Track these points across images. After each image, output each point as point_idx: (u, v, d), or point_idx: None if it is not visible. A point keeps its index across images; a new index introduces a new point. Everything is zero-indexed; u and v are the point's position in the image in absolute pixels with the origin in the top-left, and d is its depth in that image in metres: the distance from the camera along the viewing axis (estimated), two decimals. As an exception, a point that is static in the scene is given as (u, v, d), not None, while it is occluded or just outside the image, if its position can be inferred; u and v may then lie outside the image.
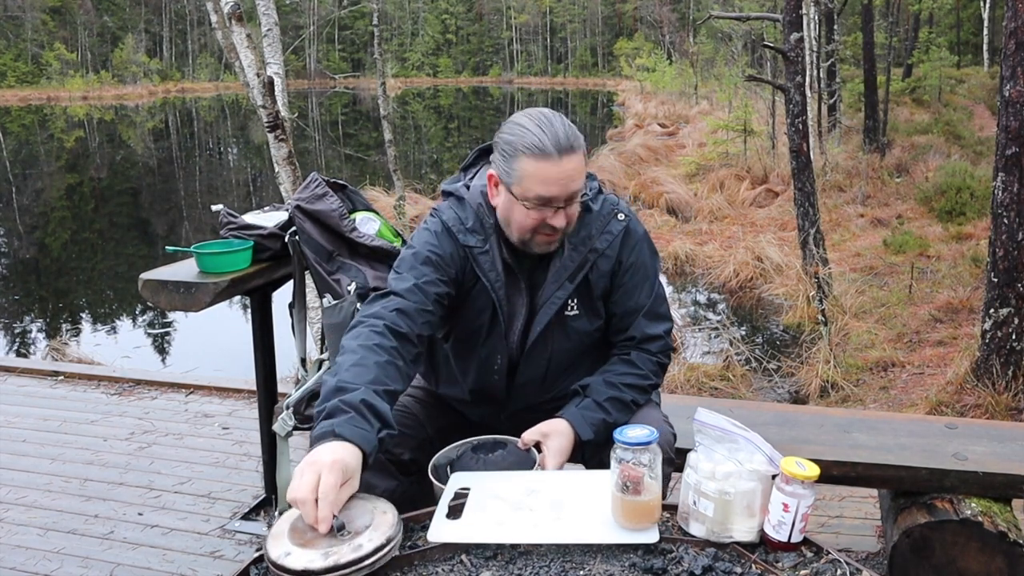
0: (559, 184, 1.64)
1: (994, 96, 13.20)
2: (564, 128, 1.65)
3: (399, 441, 1.79)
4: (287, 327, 2.70)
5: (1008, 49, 4.30)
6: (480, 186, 1.82)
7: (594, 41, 76.82)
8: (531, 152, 1.64)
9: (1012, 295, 4.40)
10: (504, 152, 1.69)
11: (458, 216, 1.79)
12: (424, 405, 1.94)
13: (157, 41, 70.21)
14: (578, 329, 1.82)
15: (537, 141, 1.63)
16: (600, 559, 1.29)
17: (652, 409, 1.87)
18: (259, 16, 4.76)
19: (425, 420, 1.91)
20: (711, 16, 10.02)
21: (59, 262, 11.62)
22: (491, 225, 1.79)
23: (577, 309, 1.80)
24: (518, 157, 1.66)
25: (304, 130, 25.68)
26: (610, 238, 1.80)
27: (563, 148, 1.63)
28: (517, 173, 1.66)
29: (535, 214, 1.68)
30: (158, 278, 2.43)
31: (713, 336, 7.13)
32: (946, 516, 2.03)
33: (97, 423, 3.75)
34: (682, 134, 20.64)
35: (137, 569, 2.60)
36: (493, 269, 1.77)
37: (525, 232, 1.72)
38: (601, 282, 1.81)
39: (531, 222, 1.69)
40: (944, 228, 9.65)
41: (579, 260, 1.78)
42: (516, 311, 1.81)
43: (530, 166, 1.64)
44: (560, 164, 1.63)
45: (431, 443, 1.87)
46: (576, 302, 1.80)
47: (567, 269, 1.78)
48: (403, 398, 1.89)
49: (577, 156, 1.66)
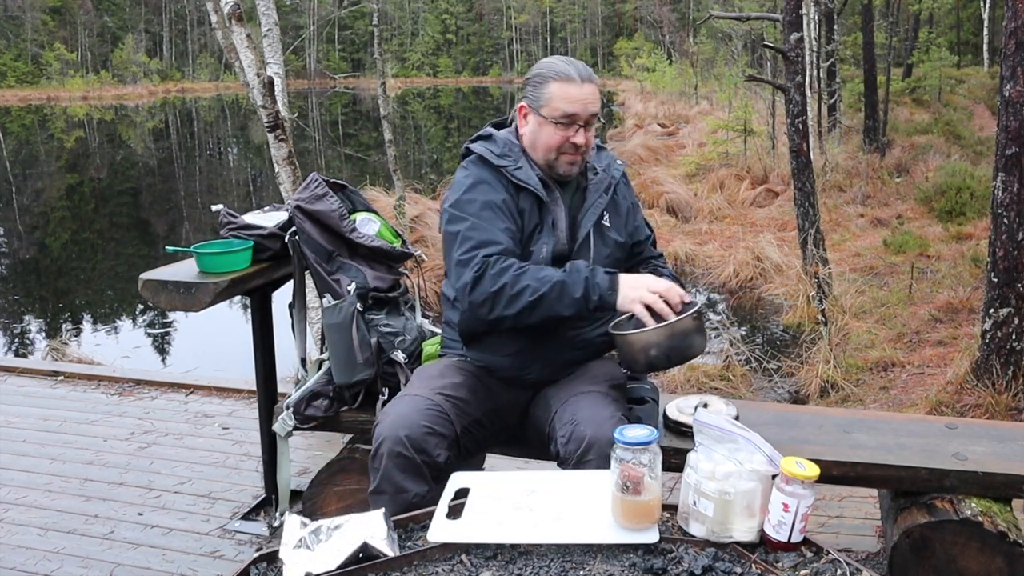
0: (581, 103, 2.01)
1: (994, 96, 13.19)
2: (583, 63, 2.06)
3: (436, 442, 1.85)
4: (287, 327, 2.70)
5: (1008, 49, 4.29)
6: (506, 131, 2.17)
7: (594, 41, 76.79)
8: (559, 77, 2.02)
9: (1012, 295, 4.39)
10: (535, 83, 2.06)
11: (489, 149, 2.10)
12: (453, 403, 1.97)
13: (157, 41, 70.21)
14: (613, 239, 2.14)
15: (563, 69, 2.03)
16: (600, 559, 1.29)
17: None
18: (259, 16, 4.76)
19: (454, 418, 1.94)
20: (711, 16, 10.02)
21: (59, 262, 11.62)
22: (519, 150, 2.11)
23: (610, 222, 2.15)
24: (548, 83, 2.03)
25: (304, 130, 25.67)
26: (620, 170, 2.23)
27: (584, 76, 2.02)
28: (547, 95, 2.02)
29: (561, 132, 2.02)
30: (158, 278, 2.43)
31: (713, 336, 7.13)
32: (946, 516, 2.03)
33: (97, 423, 3.75)
34: (682, 134, 20.62)
35: (137, 569, 2.60)
36: (531, 179, 2.07)
37: (551, 151, 2.05)
38: (624, 203, 2.20)
39: (557, 139, 2.03)
40: (944, 228, 9.64)
41: (607, 180, 2.17)
42: (558, 216, 2.09)
43: (558, 88, 2.01)
44: (582, 87, 2.01)
45: (457, 442, 1.90)
46: (608, 216, 2.15)
47: (603, 182, 2.16)
48: (435, 396, 1.95)
49: (594, 85, 2.04)
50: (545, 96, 2.02)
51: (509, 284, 1.89)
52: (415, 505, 1.73)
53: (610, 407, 1.94)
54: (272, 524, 2.82)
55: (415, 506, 1.72)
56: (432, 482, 1.82)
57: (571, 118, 2.01)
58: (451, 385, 2.01)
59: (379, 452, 1.83)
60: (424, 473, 1.82)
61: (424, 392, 1.96)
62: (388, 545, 1.30)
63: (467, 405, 2.00)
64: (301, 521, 1.34)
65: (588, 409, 1.90)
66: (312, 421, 2.46)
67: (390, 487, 1.81)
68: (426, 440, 1.83)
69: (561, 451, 1.88)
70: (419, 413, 1.87)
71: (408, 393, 1.99)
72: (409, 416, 1.86)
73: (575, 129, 2.02)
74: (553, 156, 2.05)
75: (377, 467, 1.83)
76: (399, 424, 1.84)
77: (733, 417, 1.94)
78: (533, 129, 2.07)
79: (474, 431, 2.01)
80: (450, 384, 2.02)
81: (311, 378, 2.51)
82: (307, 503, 2.51)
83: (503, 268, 1.91)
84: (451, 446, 1.89)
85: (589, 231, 2.09)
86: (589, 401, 1.94)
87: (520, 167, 2.07)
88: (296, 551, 1.28)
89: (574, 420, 1.88)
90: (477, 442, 2.05)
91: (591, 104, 2.02)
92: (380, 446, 1.83)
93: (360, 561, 1.27)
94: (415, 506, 1.72)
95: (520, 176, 2.06)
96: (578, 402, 1.94)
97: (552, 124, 2.02)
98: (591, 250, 2.09)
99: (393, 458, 1.81)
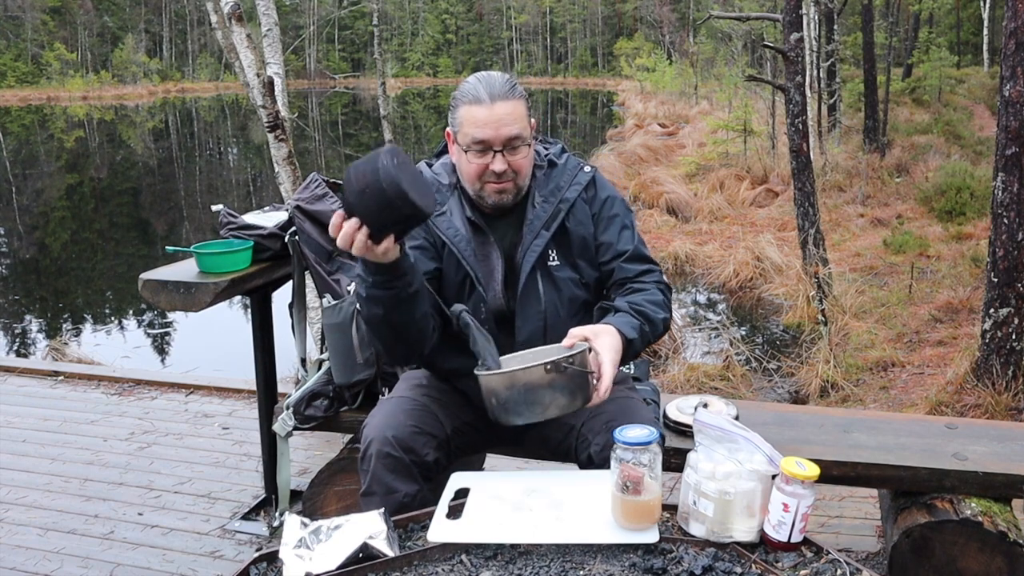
0: (491, 126, 1.77)
1: (994, 96, 13.19)
2: (501, 80, 1.81)
3: (424, 441, 1.83)
4: (287, 327, 2.70)
5: (1008, 49, 4.29)
6: (442, 161, 1.97)
7: (594, 41, 76.81)
8: (467, 99, 1.80)
9: (1012, 295, 4.39)
10: (451, 107, 1.85)
11: None
12: (441, 404, 1.94)
13: (157, 41, 70.22)
14: (565, 279, 1.89)
15: (472, 90, 1.80)
16: (600, 559, 1.29)
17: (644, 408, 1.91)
18: (259, 16, 4.75)
19: (443, 418, 1.91)
20: (711, 16, 10.01)
21: (59, 262, 11.61)
22: (450, 186, 1.92)
23: (558, 260, 1.90)
24: (459, 107, 1.82)
25: (304, 130, 25.68)
26: (579, 188, 1.92)
27: (495, 95, 1.78)
28: (458, 121, 1.82)
29: (476, 160, 1.81)
30: (158, 278, 2.43)
31: (713, 336, 7.13)
32: (946, 516, 2.03)
33: (97, 423, 3.75)
34: (682, 134, 20.61)
35: (137, 569, 2.60)
36: (452, 227, 1.88)
37: (473, 181, 1.84)
38: (580, 230, 1.91)
39: (475, 168, 1.82)
40: (944, 228, 9.64)
41: (551, 210, 1.89)
42: (491, 266, 1.89)
43: (466, 112, 1.80)
44: (492, 108, 1.77)
45: (448, 443, 1.89)
46: (556, 252, 1.89)
47: (540, 219, 1.88)
48: (421, 397, 1.92)
49: (510, 103, 1.78)
50: (457, 121, 1.82)
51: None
52: (406, 505, 1.72)
53: (644, 408, 1.89)
54: (272, 524, 2.82)
55: (406, 506, 1.71)
56: (422, 481, 1.80)
57: (484, 143, 1.78)
58: (439, 388, 1.98)
59: (367, 454, 1.80)
60: (413, 473, 1.79)
61: (411, 393, 1.93)
62: (388, 545, 1.30)
63: (457, 407, 1.96)
64: (301, 521, 1.34)
65: (625, 414, 1.80)
66: (312, 421, 2.46)
67: (380, 488, 1.78)
68: (414, 439, 1.80)
69: (596, 459, 1.78)
70: (406, 413, 1.85)
71: (395, 395, 1.96)
72: (396, 416, 1.84)
73: (491, 155, 1.79)
74: (478, 186, 1.85)
75: (366, 468, 1.80)
76: (386, 424, 1.82)
77: (733, 417, 1.94)
78: (457, 158, 1.88)
79: (466, 432, 1.96)
80: (438, 387, 1.98)
81: (311, 378, 2.51)
82: (307, 503, 2.51)
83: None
84: (440, 446, 1.86)
85: (532, 275, 1.87)
86: (623, 405, 1.85)
87: (443, 213, 1.88)
88: (296, 551, 1.28)
89: (610, 427, 1.74)
90: (471, 444, 2.01)
91: (505, 127, 1.77)
92: (368, 447, 1.81)
93: (360, 561, 1.27)
94: (406, 506, 1.71)
95: (441, 227, 1.87)
96: (611, 409, 1.81)
97: (466, 151, 1.82)
98: (541, 297, 1.87)
99: (381, 459, 1.78)
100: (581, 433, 1.88)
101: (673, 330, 6.76)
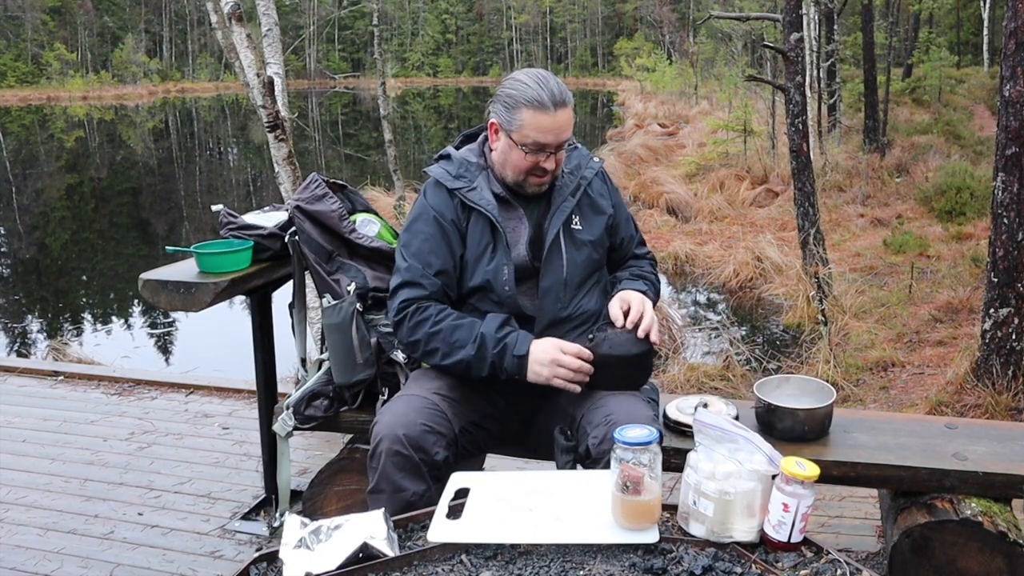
0: (553, 133, 1.95)
1: (994, 96, 13.19)
2: (558, 85, 1.96)
3: (435, 440, 1.85)
4: (287, 327, 2.70)
5: (1008, 49, 4.29)
6: (466, 149, 2.14)
7: (594, 41, 76.81)
8: (531, 104, 1.93)
9: (1012, 295, 4.39)
10: (506, 104, 1.98)
11: (446, 170, 2.09)
12: (451, 402, 1.97)
13: (157, 41, 70.21)
14: (585, 241, 2.09)
15: (536, 95, 1.93)
16: (600, 559, 1.29)
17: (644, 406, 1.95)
18: (259, 16, 4.75)
19: (452, 417, 1.93)
20: (711, 16, 10.00)
21: (59, 262, 11.62)
22: (478, 166, 2.09)
23: (581, 224, 2.10)
24: (520, 108, 1.95)
25: (304, 130, 25.67)
26: (593, 171, 2.16)
27: (557, 102, 1.94)
28: (518, 122, 1.96)
29: (531, 157, 1.98)
30: (158, 278, 2.43)
31: (713, 336, 7.13)
32: (946, 516, 2.03)
33: (97, 423, 3.75)
34: (682, 134, 20.62)
35: (137, 569, 2.60)
36: (483, 198, 2.04)
37: (520, 173, 2.02)
38: (600, 201, 2.15)
39: (527, 164, 1.99)
40: (944, 228, 9.64)
41: (575, 182, 2.11)
42: (518, 230, 2.07)
43: (530, 117, 1.94)
44: (555, 116, 1.94)
45: (455, 442, 1.90)
46: (579, 218, 2.10)
47: (568, 187, 2.10)
48: (431, 396, 1.95)
49: (568, 110, 1.97)
50: (517, 122, 1.96)
51: (423, 341, 1.99)
52: (413, 504, 1.73)
53: (645, 406, 1.92)
54: (272, 524, 2.82)
55: (413, 505, 1.72)
56: (430, 481, 1.82)
57: (542, 147, 1.96)
58: (448, 386, 2.01)
59: (377, 451, 1.83)
60: (422, 472, 1.82)
61: (421, 392, 1.96)
62: (388, 545, 1.30)
63: (464, 406, 1.99)
64: (301, 521, 1.34)
65: (624, 409, 1.87)
66: (312, 421, 2.46)
67: (388, 486, 1.80)
68: (424, 438, 1.83)
69: (593, 452, 1.84)
70: (417, 412, 1.87)
71: (405, 393, 1.99)
72: (407, 415, 1.86)
73: (546, 155, 1.98)
74: (522, 177, 2.03)
75: (375, 466, 1.83)
76: (397, 423, 1.84)
77: (733, 417, 1.94)
78: (504, 149, 2.03)
79: (472, 431, 2.00)
80: (447, 385, 2.01)
81: (311, 378, 2.51)
82: (307, 503, 2.51)
83: (420, 321, 1.99)
84: (449, 445, 1.89)
85: (557, 236, 2.05)
86: (622, 401, 1.91)
87: (474, 188, 2.05)
88: (296, 551, 1.28)
89: (609, 421, 1.84)
90: (476, 443, 2.04)
91: (564, 133, 1.97)
92: (378, 445, 1.83)
93: (360, 561, 1.27)
94: (413, 505, 1.72)
95: (472, 198, 2.03)
96: (611, 403, 1.90)
97: (522, 149, 1.98)
98: (563, 256, 2.05)
99: (391, 457, 1.80)
100: (581, 426, 1.93)
101: (673, 330, 6.77)
